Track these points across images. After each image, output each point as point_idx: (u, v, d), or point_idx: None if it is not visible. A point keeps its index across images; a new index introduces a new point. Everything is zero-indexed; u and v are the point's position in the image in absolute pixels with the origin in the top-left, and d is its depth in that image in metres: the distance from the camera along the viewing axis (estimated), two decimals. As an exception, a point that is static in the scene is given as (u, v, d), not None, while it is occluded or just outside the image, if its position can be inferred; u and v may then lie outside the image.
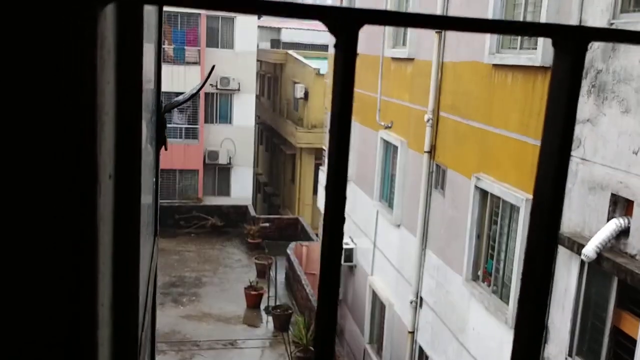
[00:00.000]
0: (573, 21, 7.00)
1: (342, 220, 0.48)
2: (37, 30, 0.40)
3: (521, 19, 8.34)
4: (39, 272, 0.45)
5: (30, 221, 0.44)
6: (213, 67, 3.41)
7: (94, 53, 0.42)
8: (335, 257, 0.48)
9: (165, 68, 23.86)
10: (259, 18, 28.11)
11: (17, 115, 0.41)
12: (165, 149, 1.66)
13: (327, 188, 0.48)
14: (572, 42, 0.51)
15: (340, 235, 0.47)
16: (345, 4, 15.98)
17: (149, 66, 1.39)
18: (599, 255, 6.26)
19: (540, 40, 7.56)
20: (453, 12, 10.16)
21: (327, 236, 0.46)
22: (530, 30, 0.57)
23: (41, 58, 0.40)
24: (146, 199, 1.21)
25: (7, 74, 0.40)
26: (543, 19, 7.51)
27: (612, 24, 6.47)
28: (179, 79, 25.39)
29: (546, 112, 0.55)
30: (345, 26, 0.47)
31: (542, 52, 7.52)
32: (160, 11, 1.53)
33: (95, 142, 0.42)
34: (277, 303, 17.78)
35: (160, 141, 1.55)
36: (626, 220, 6.20)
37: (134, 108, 0.71)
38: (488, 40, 8.82)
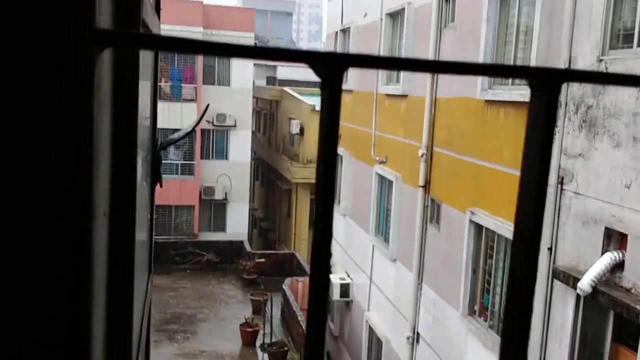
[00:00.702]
0: (563, 58, 7.13)
1: (329, 255, 0.51)
2: (35, 72, 0.43)
3: (512, 55, 8.50)
4: (32, 309, 0.47)
5: (26, 257, 0.46)
6: (207, 105, 3.47)
7: (91, 96, 0.45)
8: (323, 291, 0.50)
9: (162, 105, 24.12)
10: (254, 55, 28.44)
11: (14, 152, 0.44)
12: (161, 186, 1.69)
13: (315, 225, 0.51)
14: (546, 83, 0.54)
15: (327, 265, 0.50)
16: (340, 44, 16.23)
17: (144, 104, 1.43)
18: (595, 289, 6.25)
19: (531, 76, 7.69)
20: (446, 49, 10.34)
21: (315, 266, 0.49)
22: (507, 72, 0.60)
23: (39, 100, 0.43)
24: (141, 236, 1.23)
25: (6, 113, 0.43)
26: (533, 56, 7.65)
27: (601, 60, 6.60)
28: (175, 116, 25.55)
29: (523, 151, 0.57)
30: (330, 69, 0.49)
31: (533, 88, 7.63)
32: (157, 51, 1.58)
33: (90, 181, 0.45)
34: (273, 340, 17.56)
35: (155, 178, 1.58)
36: (620, 254, 6.22)
37: (129, 147, 0.74)
38: (480, 76, 8.95)
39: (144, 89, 1.43)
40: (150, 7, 1.05)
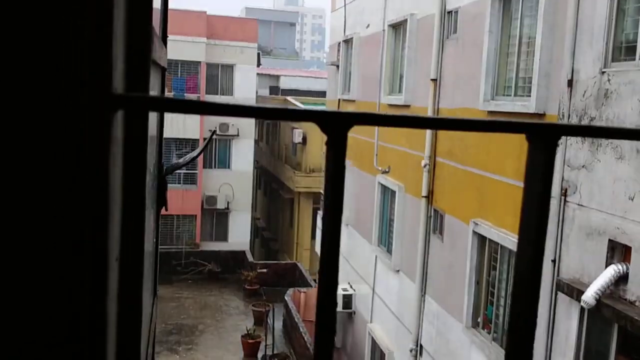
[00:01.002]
0: (565, 70, 7.14)
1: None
2: (56, 137, 0.44)
3: (514, 67, 8.51)
4: (48, 349, 0.48)
5: (48, 303, 0.47)
6: (214, 131, 3.48)
7: (107, 155, 0.46)
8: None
9: (165, 115, 24.11)
10: (258, 66, 28.57)
11: (39, 208, 0.45)
12: (166, 210, 1.70)
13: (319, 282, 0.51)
14: (543, 138, 0.55)
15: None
16: (342, 55, 16.27)
17: (152, 128, 1.43)
18: (599, 301, 6.23)
19: (534, 87, 7.71)
20: (448, 60, 10.36)
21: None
22: (506, 127, 0.61)
23: (57, 162, 0.45)
24: (147, 263, 1.24)
25: (29, 171, 0.44)
26: (536, 69, 7.66)
27: (603, 72, 6.61)
28: (178, 126, 25.64)
29: (523, 199, 0.58)
30: (336, 127, 0.51)
31: (535, 99, 7.65)
32: (163, 76, 1.59)
33: (106, 231, 0.46)
34: (275, 352, 17.51)
35: (161, 203, 1.59)
36: (624, 267, 6.20)
37: (138, 196, 0.75)
38: (483, 86, 8.97)
39: (150, 117, 1.44)
40: (158, 42, 1.06)
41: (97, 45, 0.44)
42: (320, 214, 18.82)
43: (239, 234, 27.70)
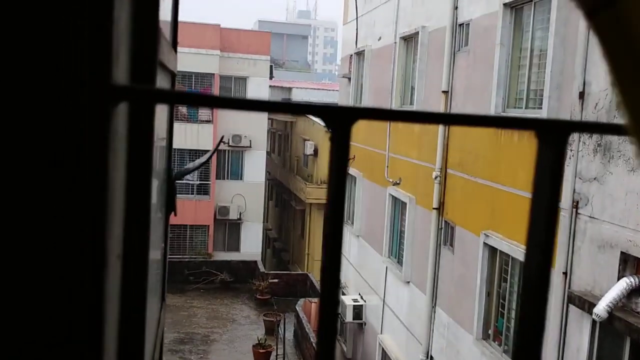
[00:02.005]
0: (577, 82, 7.13)
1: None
2: (54, 128, 0.46)
3: (526, 79, 8.51)
4: (44, 351, 0.49)
5: (43, 305, 0.48)
6: (222, 137, 3.51)
7: (106, 147, 0.48)
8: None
9: (179, 126, 24.23)
10: (270, 78, 28.71)
11: (34, 202, 0.47)
12: (175, 215, 1.73)
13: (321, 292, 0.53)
14: (553, 135, 0.54)
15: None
16: (354, 67, 16.33)
17: (161, 131, 1.47)
18: (610, 314, 6.18)
19: (546, 99, 7.70)
20: (459, 72, 10.38)
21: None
22: (514, 124, 0.60)
23: (56, 153, 0.46)
24: (154, 267, 1.26)
25: (24, 163, 0.46)
26: (547, 81, 7.66)
27: (614, 84, 6.59)
28: (192, 137, 25.79)
29: (531, 200, 0.58)
30: (340, 122, 0.51)
31: (547, 110, 7.64)
32: (173, 81, 1.62)
33: (104, 228, 0.48)
34: (286, 362, 17.45)
35: (170, 208, 1.62)
36: (637, 279, 6.15)
37: (144, 191, 0.77)
38: (494, 98, 8.97)
39: (160, 114, 1.48)
40: (167, 45, 1.10)
41: (96, 35, 0.46)
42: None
43: (251, 245, 27.74)
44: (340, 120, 0.50)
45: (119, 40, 0.53)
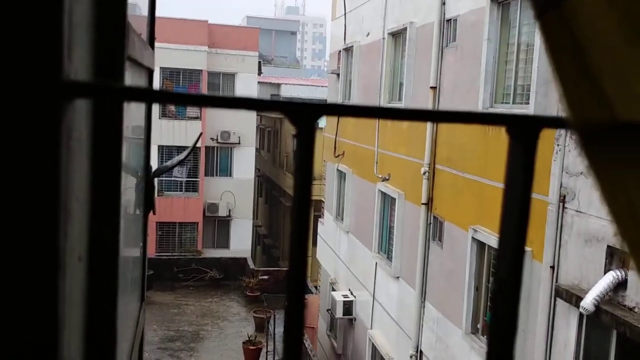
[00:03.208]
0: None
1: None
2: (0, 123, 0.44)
3: (513, 74, 8.53)
4: None
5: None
6: (200, 134, 3.49)
7: (58, 144, 0.46)
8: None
9: (167, 123, 24.11)
10: (259, 74, 28.64)
11: None
12: (154, 213, 1.70)
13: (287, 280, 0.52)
14: (524, 130, 0.54)
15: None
16: (343, 63, 16.32)
17: (138, 129, 1.44)
18: (598, 308, 6.22)
19: (533, 94, 7.72)
20: (447, 68, 10.39)
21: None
22: (485, 120, 0.60)
23: (4, 149, 0.44)
24: (131, 266, 1.24)
25: None
26: (534, 76, 7.68)
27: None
28: (180, 134, 25.69)
29: (503, 195, 0.57)
30: (304, 118, 0.50)
31: (534, 106, 7.66)
32: (150, 78, 1.60)
33: (57, 228, 0.46)
34: (276, 358, 17.47)
35: (148, 206, 1.60)
36: (623, 273, 6.19)
37: (111, 190, 0.75)
38: (482, 94, 8.99)
39: (139, 112, 1.45)
40: (139, 41, 1.07)
41: (44, 28, 0.44)
42: (321, 221, 18.81)
43: (241, 241, 27.70)
44: (303, 116, 0.49)
45: (74, 34, 0.51)
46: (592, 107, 0.48)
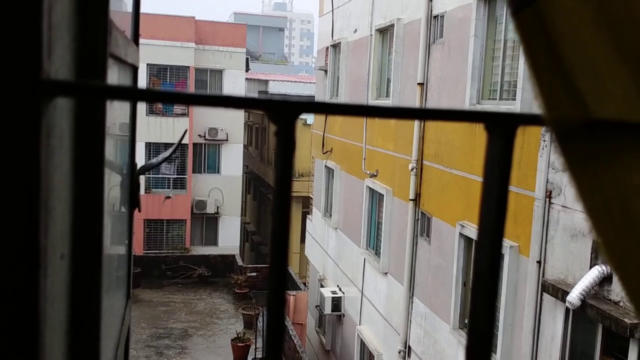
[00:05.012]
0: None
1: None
2: None
3: (500, 70, 8.58)
4: None
5: None
6: (185, 131, 3.48)
7: (37, 144, 0.46)
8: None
9: (154, 119, 23.94)
10: (246, 71, 28.57)
11: None
12: (139, 211, 1.70)
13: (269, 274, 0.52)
14: (502, 127, 0.55)
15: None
16: (330, 59, 16.32)
17: (123, 126, 1.44)
18: (583, 302, 6.28)
19: (519, 90, 7.77)
20: (434, 64, 10.42)
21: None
22: (464, 117, 0.60)
23: None
24: (114, 262, 1.24)
25: None
26: (521, 73, 7.73)
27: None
28: (167, 131, 25.57)
29: (481, 191, 0.58)
30: (284, 116, 0.51)
31: (520, 102, 7.71)
32: (135, 75, 1.59)
33: (37, 227, 0.46)
34: (265, 355, 17.46)
35: (133, 203, 1.59)
36: (609, 267, 6.25)
37: (94, 188, 0.75)
38: (469, 90, 9.03)
39: (124, 109, 1.45)
40: (122, 38, 1.07)
41: (23, 26, 0.44)
42: (309, 218, 18.82)
43: (229, 238, 27.65)
44: (283, 114, 0.50)
45: (54, 33, 0.51)
46: (566, 105, 0.48)
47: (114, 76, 1.09)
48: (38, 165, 0.44)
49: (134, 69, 1.45)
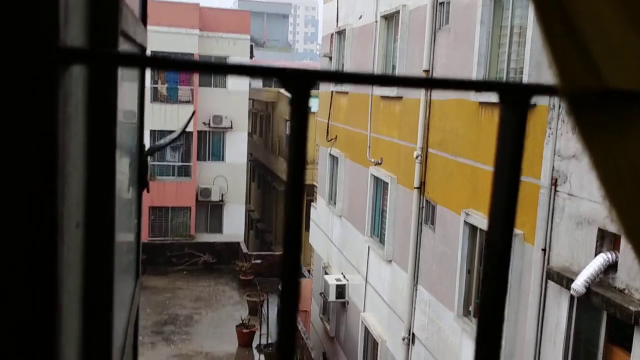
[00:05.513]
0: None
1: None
2: None
3: (506, 57, 8.53)
4: None
5: None
6: (194, 112, 3.49)
7: (55, 112, 0.46)
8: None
9: (159, 107, 23.91)
10: (251, 58, 28.49)
11: None
12: (147, 191, 1.71)
13: (284, 234, 0.52)
14: (515, 98, 0.54)
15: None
16: (335, 46, 16.26)
17: (131, 107, 1.44)
18: (588, 289, 6.28)
19: (526, 77, 7.73)
20: (440, 50, 10.37)
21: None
22: (478, 87, 0.60)
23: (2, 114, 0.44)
24: (124, 242, 1.25)
25: None
26: (527, 59, 7.68)
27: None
28: (172, 118, 25.56)
29: (494, 164, 0.57)
30: (299, 84, 0.51)
31: (526, 89, 7.66)
32: (143, 52, 1.59)
33: (55, 193, 0.46)
34: (270, 341, 17.58)
35: (142, 184, 1.60)
36: (614, 255, 6.25)
37: (106, 158, 0.76)
38: (474, 77, 8.99)
39: (132, 91, 1.45)
40: (132, 17, 1.07)
41: None
42: (313, 205, 18.84)
43: (234, 226, 27.72)
44: (299, 83, 0.50)
45: (70, 2, 0.51)
46: (581, 75, 0.49)
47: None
48: (56, 131, 0.45)
49: (143, 50, 1.45)
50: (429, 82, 0.55)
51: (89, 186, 0.69)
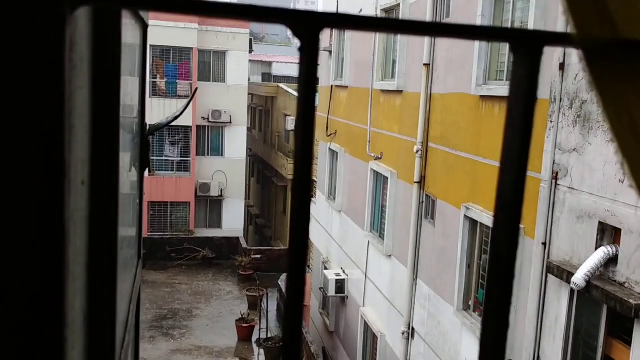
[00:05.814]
0: (557, 54, 7.14)
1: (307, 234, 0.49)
2: (6, 32, 0.42)
3: (506, 53, 8.50)
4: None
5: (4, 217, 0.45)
6: (196, 89, 3.47)
7: (62, 57, 0.44)
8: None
9: (158, 101, 23.90)
10: (250, 52, 28.43)
11: None
12: (150, 172, 1.69)
13: (293, 193, 0.50)
14: (528, 46, 0.52)
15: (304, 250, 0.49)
16: (335, 40, 16.21)
17: (132, 89, 1.42)
18: (588, 283, 6.27)
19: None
20: (441, 44, 10.34)
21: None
22: (487, 34, 0.58)
23: (4, 62, 0.43)
24: (127, 218, 1.23)
25: None
26: (531, 20, 7.62)
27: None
28: (171, 112, 25.47)
29: (506, 118, 0.55)
30: (308, 28, 0.48)
31: (527, 83, 7.64)
32: (145, 33, 1.56)
33: (62, 143, 0.45)
34: (269, 335, 17.59)
35: (144, 163, 1.58)
36: (614, 248, 6.24)
37: (111, 113, 0.74)
38: (475, 72, 8.96)
39: (132, 72, 1.43)
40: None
41: None
42: (313, 201, 18.83)
43: (233, 221, 27.72)
44: (308, 26, 0.47)
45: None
46: (595, 24, 0.47)
47: (128, 30, 1.07)
48: (63, 74, 0.43)
49: (145, 27, 1.43)
50: (439, 28, 0.52)
51: (94, 142, 0.68)
